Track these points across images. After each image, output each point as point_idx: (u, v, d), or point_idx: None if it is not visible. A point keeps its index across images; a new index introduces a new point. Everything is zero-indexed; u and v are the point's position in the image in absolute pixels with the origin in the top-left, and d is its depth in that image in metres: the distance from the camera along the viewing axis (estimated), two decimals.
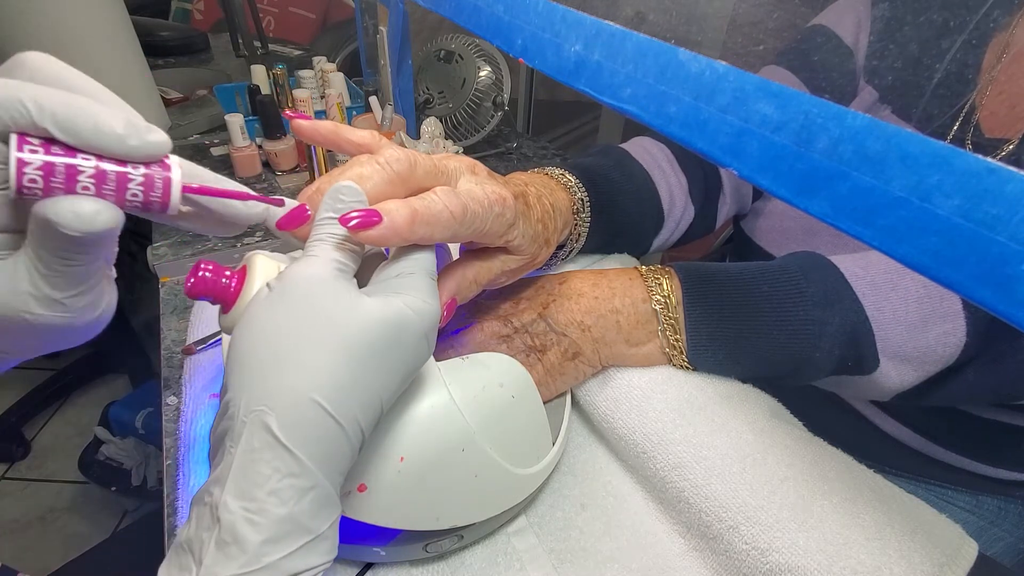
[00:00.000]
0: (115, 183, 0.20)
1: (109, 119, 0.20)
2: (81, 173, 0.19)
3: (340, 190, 0.24)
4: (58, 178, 0.19)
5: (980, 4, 0.42)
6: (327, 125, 0.29)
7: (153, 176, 0.21)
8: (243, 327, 0.22)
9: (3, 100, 0.18)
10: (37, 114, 0.18)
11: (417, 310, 0.23)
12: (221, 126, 0.92)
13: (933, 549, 0.28)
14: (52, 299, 0.21)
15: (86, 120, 0.19)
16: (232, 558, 0.18)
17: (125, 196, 0.20)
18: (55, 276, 0.21)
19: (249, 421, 0.20)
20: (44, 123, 0.19)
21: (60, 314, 0.21)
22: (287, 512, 0.19)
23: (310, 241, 0.24)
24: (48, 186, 0.19)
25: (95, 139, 0.19)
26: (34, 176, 0.19)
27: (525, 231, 0.32)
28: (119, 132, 0.20)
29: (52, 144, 0.19)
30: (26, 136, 0.19)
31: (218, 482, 0.19)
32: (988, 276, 0.15)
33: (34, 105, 0.18)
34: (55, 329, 0.22)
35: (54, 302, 0.21)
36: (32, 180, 0.19)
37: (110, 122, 0.19)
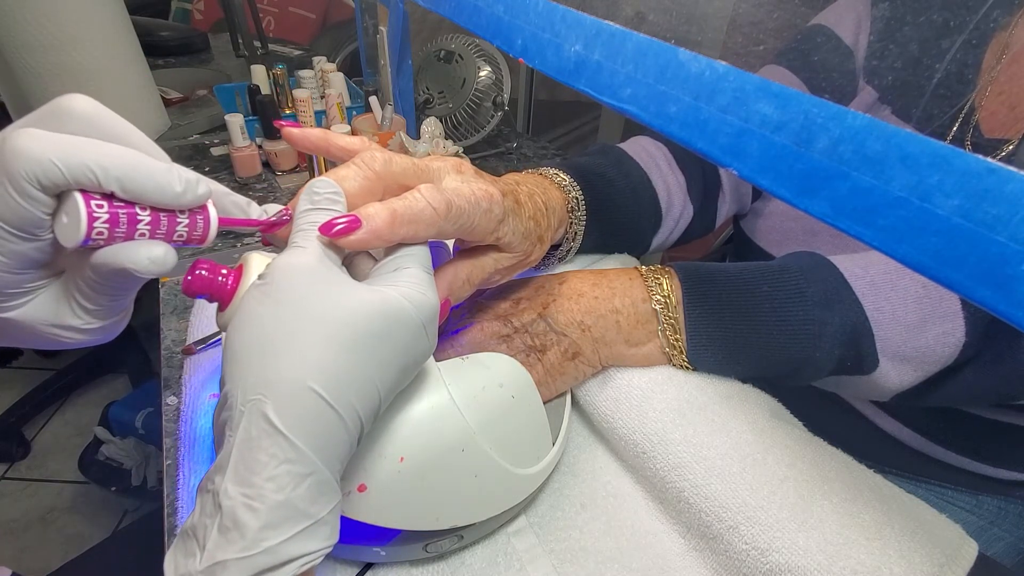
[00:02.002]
0: (166, 227, 0.22)
1: (168, 178, 0.22)
2: (140, 222, 0.22)
3: (315, 184, 0.25)
4: (121, 228, 0.21)
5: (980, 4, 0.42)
6: (317, 133, 0.29)
7: (196, 218, 0.23)
8: (236, 320, 0.22)
9: (71, 165, 0.19)
10: (104, 178, 0.20)
11: (413, 300, 0.23)
12: (221, 126, 0.92)
13: (933, 549, 0.28)
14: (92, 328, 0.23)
15: (148, 181, 0.21)
16: (232, 542, 0.19)
17: (172, 237, 0.23)
18: (98, 311, 0.23)
19: (247, 410, 0.20)
20: (111, 186, 0.20)
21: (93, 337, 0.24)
22: (284, 498, 0.19)
23: (293, 233, 0.24)
24: (112, 236, 0.21)
25: (157, 197, 0.22)
26: (101, 229, 0.21)
27: (516, 228, 0.32)
28: (178, 190, 0.22)
29: (113, 201, 0.21)
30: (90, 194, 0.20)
31: (219, 470, 0.20)
32: (988, 276, 0.15)
33: (100, 170, 0.20)
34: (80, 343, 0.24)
35: (90, 331, 0.23)
36: (99, 233, 0.21)
37: (170, 181, 0.22)
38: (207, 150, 0.83)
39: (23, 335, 0.23)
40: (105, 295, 0.22)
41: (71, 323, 0.23)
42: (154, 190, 0.21)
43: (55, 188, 0.20)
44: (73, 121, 0.21)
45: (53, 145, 0.19)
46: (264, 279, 0.23)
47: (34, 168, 0.19)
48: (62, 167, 0.19)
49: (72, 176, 0.20)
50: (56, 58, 0.72)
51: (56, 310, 0.22)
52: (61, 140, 0.20)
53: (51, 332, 0.23)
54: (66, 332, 0.23)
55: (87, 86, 0.76)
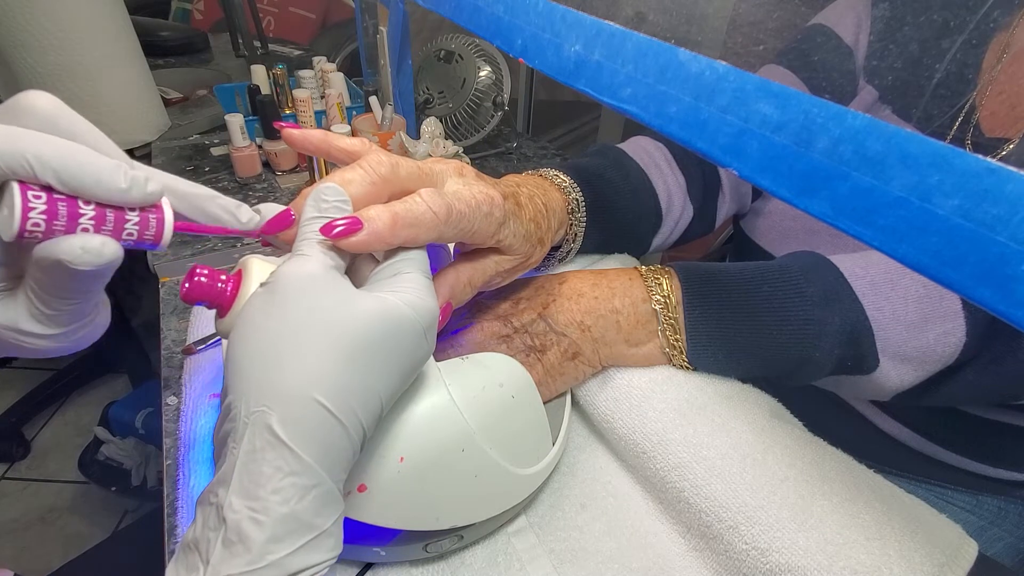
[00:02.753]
0: (113, 224, 0.21)
1: (112, 174, 0.21)
2: (82, 216, 0.20)
3: (322, 191, 0.25)
4: (60, 221, 0.20)
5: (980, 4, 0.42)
6: (317, 134, 0.29)
7: (148, 216, 0.22)
8: (239, 329, 0.22)
9: (6, 153, 0.19)
10: (39, 168, 0.19)
11: (414, 307, 0.23)
12: (221, 126, 0.92)
13: (933, 549, 0.28)
14: (51, 335, 0.22)
15: (87, 175, 0.20)
16: (237, 556, 0.19)
17: (122, 235, 0.22)
18: (56, 314, 0.22)
19: (251, 422, 0.20)
20: (46, 177, 0.19)
21: (58, 344, 0.23)
22: (290, 510, 0.19)
23: (298, 241, 0.24)
24: (50, 229, 0.20)
25: (98, 191, 0.20)
26: (37, 220, 0.20)
27: (516, 230, 0.32)
28: (122, 187, 0.21)
29: (53, 193, 0.20)
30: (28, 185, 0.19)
31: (223, 483, 0.20)
32: (988, 276, 0.15)
33: (36, 160, 0.19)
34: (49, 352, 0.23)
35: (53, 337, 0.22)
36: (35, 224, 0.19)
37: (113, 177, 0.21)
38: (207, 150, 0.83)
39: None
40: (57, 297, 0.21)
41: (30, 329, 0.21)
42: (94, 184, 0.20)
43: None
44: (31, 117, 0.21)
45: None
46: (267, 288, 0.22)
47: None
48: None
49: (6, 163, 0.19)
50: (56, 58, 0.72)
51: (15, 316, 0.21)
52: (2, 130, 0.19)
53: (12, 338, 0.22)
54: (26, 338, 0.22)
55: (87, 86, 0.76)
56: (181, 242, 0.62)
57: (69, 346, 0.23)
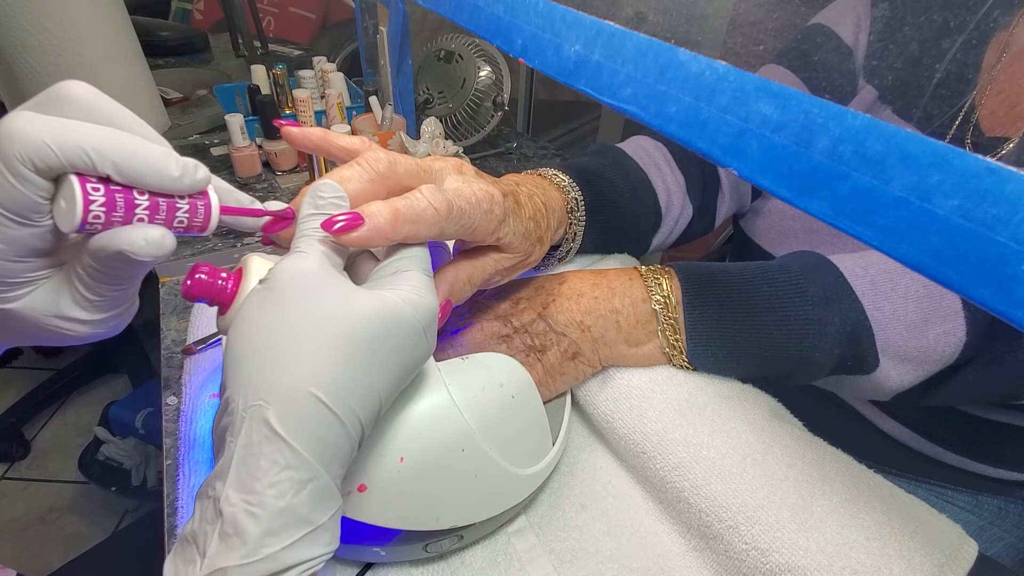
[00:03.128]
0: (166, 212, 0.22)
1: (165, 162, 0.21)
2: (138, 206, 0.21)
3: (319, 187, 0.25)
4: (118, 213, 0.21)
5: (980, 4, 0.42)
6: (316, 132, 0.29)
7: (196, 204, 0.23)
8: (238, 325, 0.22)
9: (65, 147, 0.19)
10: (99, 161, 0.20)
11: (413, 304, 0.23)
12: (221, 126, 0.92)
13: (933, 549, 0.28)
14: (92, 320, 0.23)
15: (144, 165, 0.21)
16: (233, 549, 0.19)
17: (173, 223, 0.22)
18: (101, 301, 0.22)
19: (248, 416, 0.20)
20: (106, 169, 0.20)
21: (95, 331, 0.23)
22: (286, 504, 0.19)
23: (296, 238, 0.24)
24: (109, 221, 0.20)
25: (154, 180, 0.21)
26: (98, 212, 0.20)
27: (516, 228, 0.32)
28: (175, 175, 0.21)
29: (110, 184, 0.20)
30: (86, 178, 0.20)
31: (220, 476, 0.20)
32: (988, 276, 0.15)
33: (95, 153, 0.20)
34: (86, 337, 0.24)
35: (93, 323, 0.23)
36: (96, 216, 0.20)
37: (167, 165, 0.21)
38: (207, 150, 0.83)
39: (25, 328, 0.23)
40: (105, 284, 0.22)
41: (73, 315, 0.22)
42: (150, 174, 0.21)
43: (50, 171, 0.20)
44: (71, 106, 0.21)
45: (47, 127, 0.19)
46: (265, 284, 0.22)
47: (28, 150, 0.19)
48: (56, 149, 0.19)
49: (66, 158, 0.19)
50: (56, 58, 0.72)
51: (58, 301, 0.22)
52: (56, 123, 0.20)
53: (53, 324, 0.22)
54: (68, 324, 0.22)
55: None
56: (181, 242, 0.61)
57: (104, 332, 0.24)
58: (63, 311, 0.22)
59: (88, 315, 0.23)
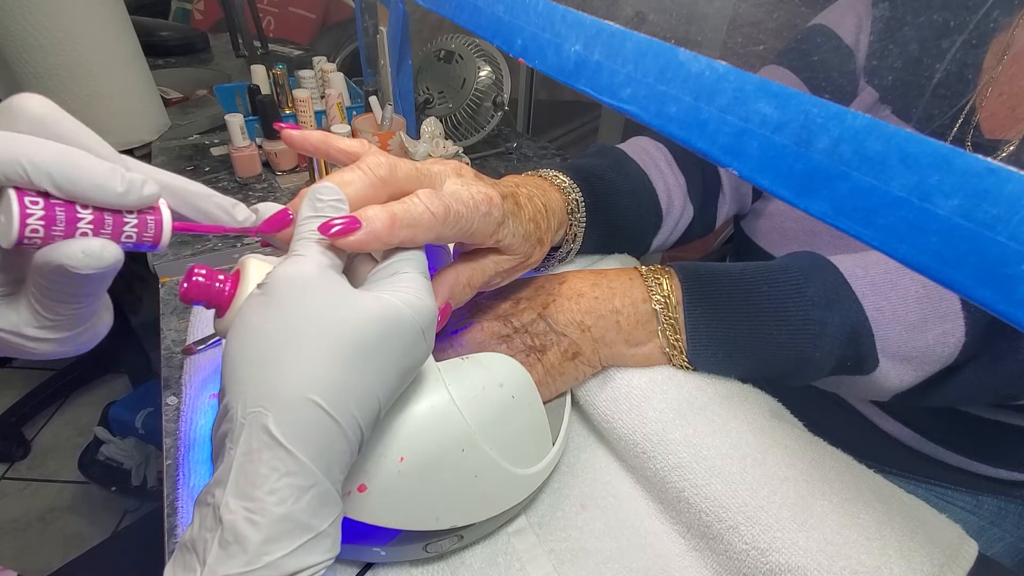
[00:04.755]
0: (111, 227, 0.21)
1: (109, 177, 0.20)
2: (80, 220, 0.20)
3: (318, 190, 0.25)
4: (58, 227, 0.20)
5: (980, 4, 0.42)
6: (316, 135, 0.29)
7: (146, 219, 0.22)
8: (235, 330, 0.22)
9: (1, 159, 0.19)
10: (35, 174, 0.19)
11: (412, 306, 0.23)
12: (221, 126, 0.92)
13: (933, 549, 0.28)
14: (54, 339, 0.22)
15: (85, 179, 0.20)
16: (234, 557, 0.19)
17: (120, 238, 0.21)
18: (59, 319, 0.22)
19: (248, 422, 0.20)
20: (42, 183, 0.19)
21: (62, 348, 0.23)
22: (286, 511, 0.19)
23: (294, 241, 0.24)
24: (49, 235, 0.20)
25: (96, 195, 0.20)
26: (36, 226, 0.19)
27: (516, 230, 0.32)
28: (119, 190, 0.21)
29: (51, 199, 0.20)
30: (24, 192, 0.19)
31: (220, 483, 0.20)
32: (988, 276, 0.15)
33: (31, 166, 0.19)
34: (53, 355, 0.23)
35: (56, 341, 0.22)
36: (34, 230, 0.19)
37: (110, 181, 0.21)
38: (207, 150, 0.83)
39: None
40: (59, 302, 0.21)
41: (33, 334, 0.22)
42: (91, 188, 0.20)
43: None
44: (23, 120, 0.21)
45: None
46: (263, 289, 0.22)
47: None
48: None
49: (1, 170, 0.19)
50: (56, 58, 0.72)
51: (17, 320, 0.21)
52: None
53: (16, 343, 0.22)
54: (30, 343, 0.22)
55: (87, 86, 0.76)
56: (181, 242, 0.62)
57: (72, 349, 0.23)
58: (22, 330, 0.21)
59: (48, 334, 0.22)
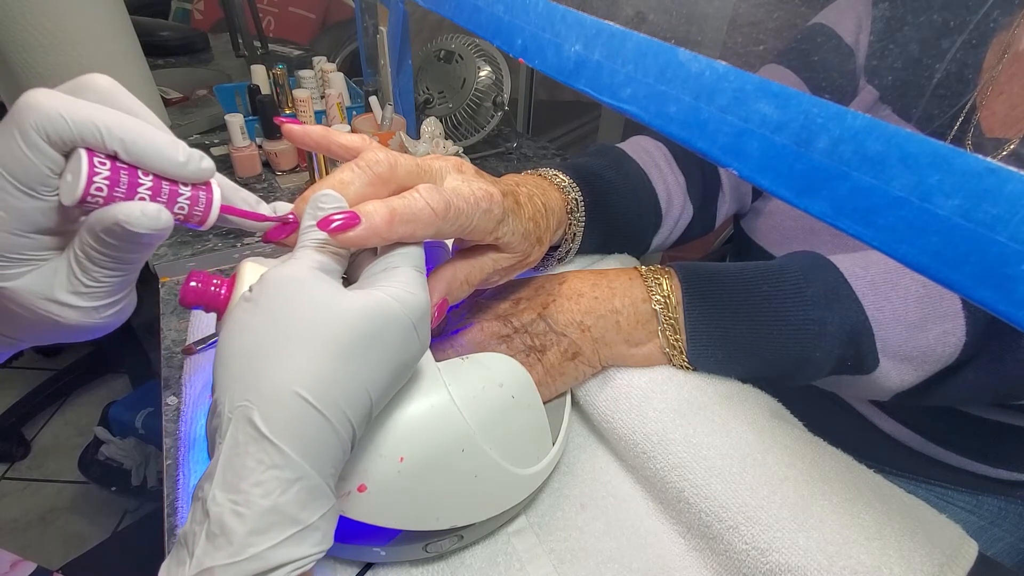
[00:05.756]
0: (167, 196, 0.23)
1: (172, 147, 0.22)
2: (141, 185, 0.22)
3: (320, 198, 0.25)
4: (121, 188, 0.21)
5: (980, 4, 0.42)
6: (317, 130, 0.29)
7: (198, 194, 0.24)
8: (226, 328, 0.22)
9: (78, 121, 0.20)
10: (108, 137, 0.21)
11: (402, 300, 0.23)
12: (221, 126, 0.92)
13: (933, 549, 0.28)
14: (84, 308, 0.23)
15: (151, 146, 0.22)
16: (220, 548, 0.19)
17: (173, 208, 0.23)
18: (94, 286, 0.22)
19: (234, 417, 0.20)
20: (113, 145, 0.21)
21: (87, 320, 0.23)
22: (272, 503, 0.19)
23: (296, 248, 0.25)
24: (111, 195, 0.21)
25: (159, 163, 0.22)
26: (101, 185, 0.21)
27: (515, 228, 0.32)
28: (180, 160, 0.22)
29: (117, 162, 0.21)
30: (94, 152, 0.21)
31: (209, 477, 0.20)
32: (988, 276, 0.15)
33: (105, 129, 0.21)
34: (79, 330, 0.24)
35: (84, 310, 0.23)
36: (98, 188, 0.21)
37: (173, 149, 0.22)
38: (207, 150, 0.83)
39: (19, 312, 0.23)
40: (101, 267, 0.22)
41: (66, 300, 0.22)
42: (156, 155, 0.22)
43: (62, 143, 0.20)
44: (91, 94, 0.22)
45: (64, 102, 0.20)
46: (255, 289, 0.23)
47: (43, 120, 0.20)
48: (69, 121, 0.20)
49: (78, 131, 0.20)
50: (56, 58, 0.72)
51: (53, 285, 0.22)
52: (72, 99, 0.21)
53: (46, 308, 0.22)
54: (60, 309, 0.22)
55: None
56: (181, 242, 0.62)
57: (95, 324, 0.24)
58: (56, 295, 0.22)
59: (81, 301, 0.22)
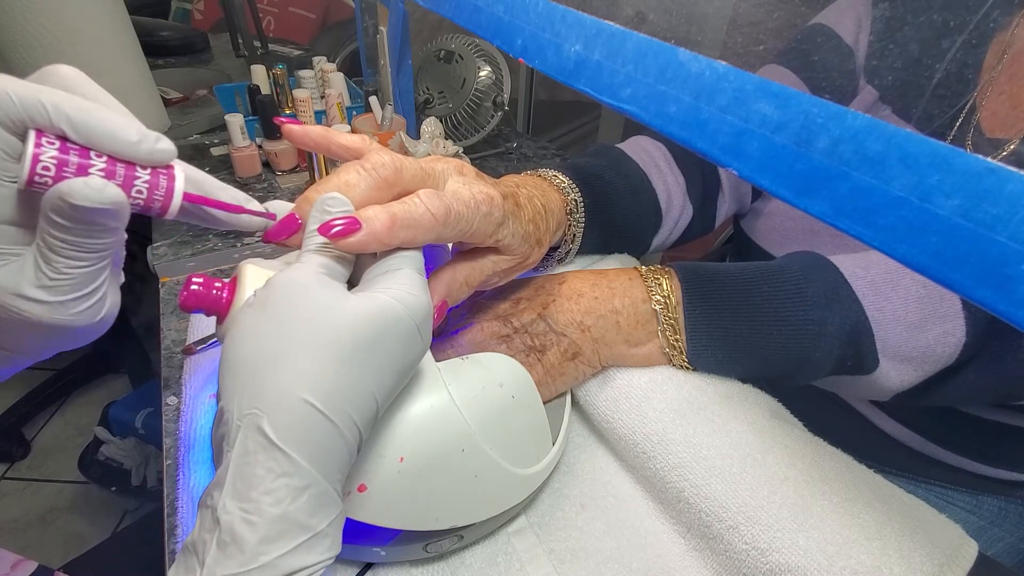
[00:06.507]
0: (123, 179, 0.22)
1: (124, 126, 0.21)
2: (92, 167, 0.21)
3: (326, 201, 0.25)
4: (70, 168, 0.21)
5: (980, 4, 0.42)
6: (317, 130, 0.29)
7: (159, 177, 0.23)
8: (231, 335, 0.22)
9: (24, 98, 0.20)
10: (54, 113, 0.20)
11: (404, 303, 0.23)
12: (221, 126, 0.92)
13: (933, 549, 0.28)
14: (51, 303, 0.22)
15: (101, 125, 0.21)
16: (231, 557, 0.19)
17: (131, 192, 0.22)
18: (60, 279, 0.22)
19: (243, 425, 0.20)
20: (60, 123, 0.20)
21: (57, 316, 0.22)
22: (282, 511, 0.19)
23: (300, 253, 0.25)
24: (59, 175, 0.20)
25: (109, 143, 0.21)
26: (48, 164, 0.20)
27: (515, 230, 0.32)
28: (132, 139, 0.22)
29: (67, 142, 0.21)
30: (43, 133, 0.20)
31: (218, 485, 0.20)
32: (988, 276, 0.15)
33: (52, 106, 0.20)
34: (56, 330, 0.23)
35: (52, 306, 0.22)
36: (45, 168, 0.20)
37: (125, 129, 0.21)
38: (207, 150, 0.83)
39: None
40: (63, 255, 0.21)
41: (32, 295, 0.22)
42: (105, 134, 0.21)
43: (10, 123, 0.20)
44: (54, 80, 0.22)
45: (14, 83, 0.20)
46: (260, 295, 0.23)
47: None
48: (15, 98, 0.20)
49: (24, 108, 0.20)
50: (56, 58, 0.72)
51: (18, 280, 0.22)
52: (23, 82, 0.21)
53: (15, 305, 0.22)
54: (29, 305, 0.22)
55: None
56: (181, 242, 0.62)
57: (68, 321, 0.23)
58: (23, 290, 0.22)
59: (47, 296, 0.22)
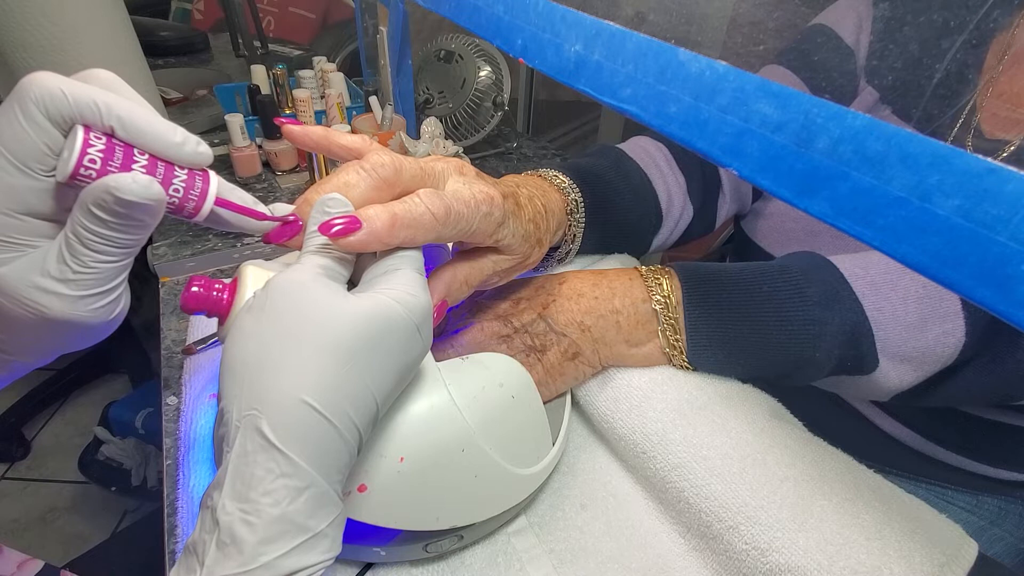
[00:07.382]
0: (163, 176, 0.23)
1: (169, 128, 0.23)
2: (135, 162, 0.22)
3: (326, 202, 0.25)
4: (115, 162, 0.21)
5: (980, 4, 0.42)
6: (317, 131, 0.29)
7: (194, 177, 0.24)
8: (231, 336, 0.22)
9: (77, 96, 0.21)
10: (105, 112, 0.21)
11: (404, 303, 0.23)
12: (221, 126, 0.92)
13: (933, 549, 0.28)
14: (70, 296, 0.22)
15: (149, 125, 0.22)
16: (230, 558, 0.19)
17: (168, 189, 0.23)
18: (83, 273, 0.22)
19: (243, 425, 0.20)
20: (110, 121, 0.22)
21: (72, 311, 0.23)
22: (281, 512, 0.19)
23: (301, 254, 0.25)
24: (104, 169, 0.21)
25: (155, 142, 0.22)
26: (94, 157, 0.21)
27: (515, 230, 0.32)
28: (176, 140, 0.23)
29: (112, 139, 0.22)
30: (91, 129, 0.21)
31: (218, 486, 0.20)
32: (988, 276, 0.15)
33: (104, 105, 0.21)
34: (69, 327, 0.23)
35: (71, 299, 0.22)
36: (92, 160, 0.21)
37: (170, 130, 0.23)
38: None
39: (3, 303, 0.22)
40: (92, 248, 0.21)
41: (52, 288, 0.22)
42: (152, 134, 0.22)
43: (61, 119, 0.21)
44: (94, 82, 0.23)
45: (65, 80, 0.21)
46: (260, 296, 0.23)
47: (44, 94, 0.20)
48: (69, 97, 0.21)
49: (76, 107, 0.21)
50: (56, 58, 0.72)
51: (41, 272, 0.22)
52: (73, 80, 0.21)
53: (32, 297, 0.22)
54: (45, 297, 0.22)
55: None
56: (180, 242, 0.62)
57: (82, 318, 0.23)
58: (43, 283, 0.22)
59: (68, 289, 0.22)
